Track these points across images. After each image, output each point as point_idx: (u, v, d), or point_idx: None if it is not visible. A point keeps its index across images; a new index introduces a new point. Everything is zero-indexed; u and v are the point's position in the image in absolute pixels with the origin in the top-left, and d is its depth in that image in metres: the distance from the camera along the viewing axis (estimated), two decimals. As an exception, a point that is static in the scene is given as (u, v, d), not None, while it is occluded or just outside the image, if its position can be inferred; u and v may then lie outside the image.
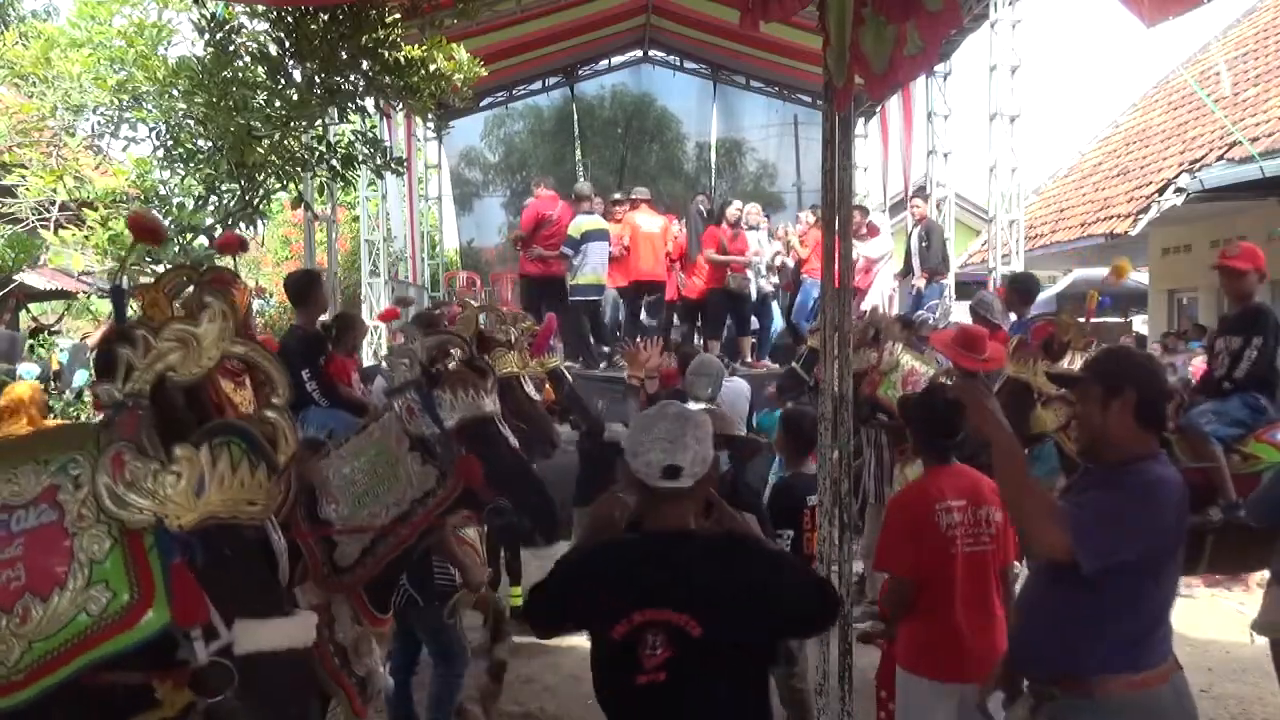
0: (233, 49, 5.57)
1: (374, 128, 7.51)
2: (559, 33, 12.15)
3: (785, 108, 14.86)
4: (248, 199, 5.91)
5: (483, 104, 13.90)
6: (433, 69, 6.21)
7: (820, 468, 3.36)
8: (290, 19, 5.46)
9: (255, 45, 5.64)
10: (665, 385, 5.49)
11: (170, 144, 5.80)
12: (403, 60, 5.99)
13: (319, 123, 6.26)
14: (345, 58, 5.69)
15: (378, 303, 11.32)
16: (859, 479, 5.68)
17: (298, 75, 5.74)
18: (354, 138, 6.45)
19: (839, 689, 3.38)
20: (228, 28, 5.54)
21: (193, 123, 5.70)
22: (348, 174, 6.56)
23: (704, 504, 2.43)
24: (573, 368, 7.74)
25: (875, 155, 13.89)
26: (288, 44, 5.56)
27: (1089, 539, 2.30)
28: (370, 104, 6.69)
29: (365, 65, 5.86)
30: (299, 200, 7.28)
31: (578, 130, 14.88)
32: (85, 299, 12.65)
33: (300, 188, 6.94)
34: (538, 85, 14.63)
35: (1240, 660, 5.42)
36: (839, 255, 3.38)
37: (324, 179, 6.59)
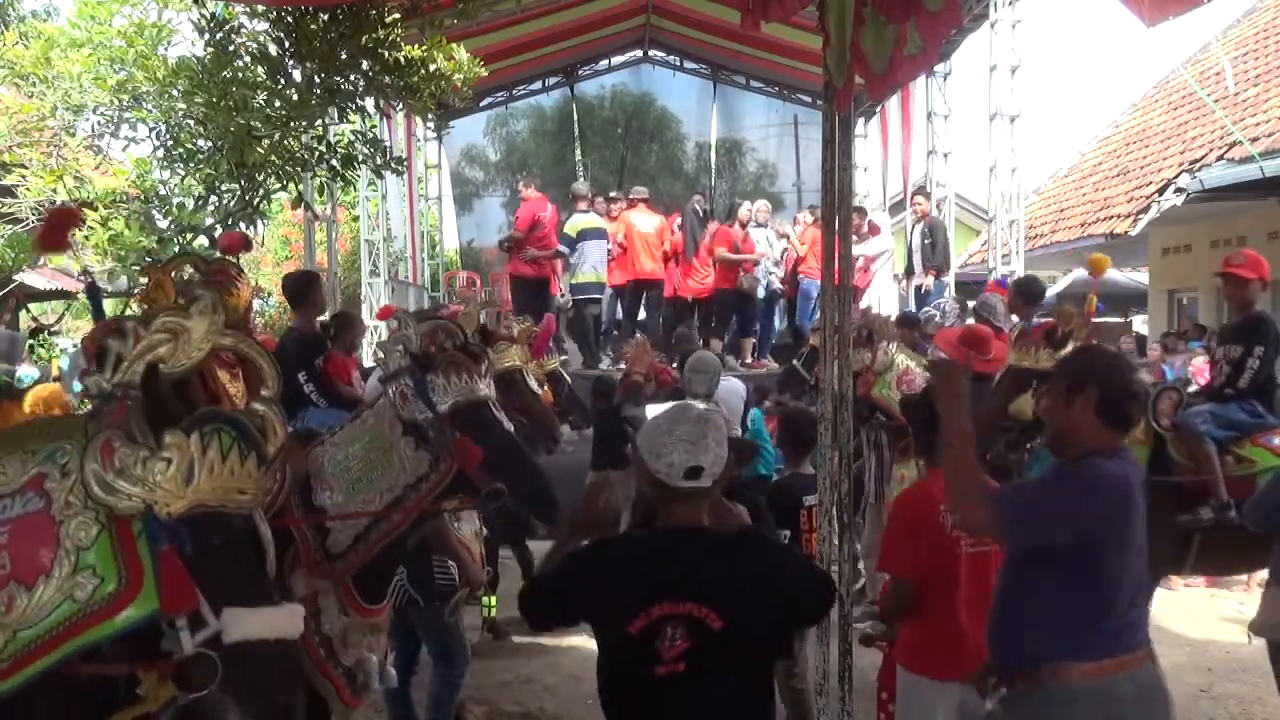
0: (232, 49, 5.57)
1: (374, 128, 7.50)
2: (559, 33, 12.14)
3: (785, 108, 14.82)
4: (248, 199, 5.90)
5: (483, 104, 13.86)
6: (433, 69, 6.21)
7: (820, 468, 3.36)
8: (290, 19, 5.46)
9: (255, 45, 5.64)
10: (662, 386, 5.50)
11: (170, 144, 5.79)
12: (403, 60, 5.99)
13: (319, 123, 6.26)
14: (345, 58, 5.69)
15: (377, 303, 11.32)
16: (860, 479, 5.68)
17: (298, 75, 5.74)
18: (354, 138, 6.45)
19: (839, 689, 3.39)
20: (228, 28, 5.54)
21: (193, 123, 5.69)
22: (348, 174, 6.56)
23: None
24: (570, 365, 7.76)
25: (875, 155, 13.86)
26: (287, 44, 5.56)
27: (1014, 517, 2.44)
28: (370, 104, 6.69)
29: (365, 65, 5.86)
30: (299, 200, 7.29)
31: (578, 130, 14.85)
32: (85, 299, 12.60)
33: (300, 188, 6.94)
34: (538, 85, 14.59)
35: (1240, 660, 5.42)
36: (839, 255, 3.39)
37: (324, 179, 6.60)
